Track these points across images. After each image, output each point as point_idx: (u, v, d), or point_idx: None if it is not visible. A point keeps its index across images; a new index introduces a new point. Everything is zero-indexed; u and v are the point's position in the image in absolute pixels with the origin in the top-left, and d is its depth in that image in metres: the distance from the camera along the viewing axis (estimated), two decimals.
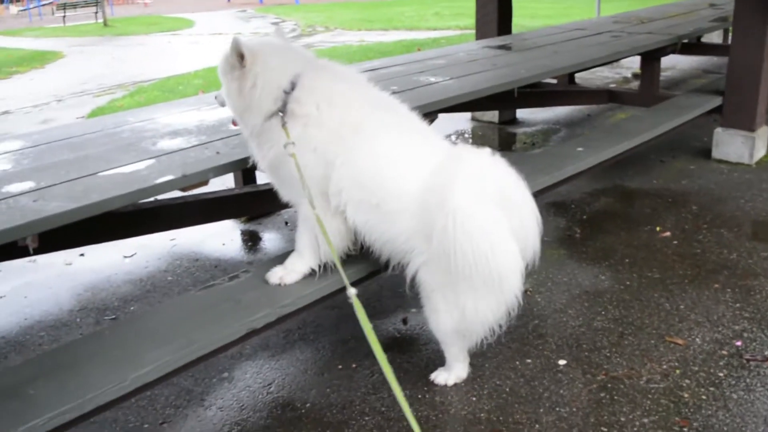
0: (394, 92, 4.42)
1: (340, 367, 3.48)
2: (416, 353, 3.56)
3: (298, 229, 3.11)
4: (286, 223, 5.30)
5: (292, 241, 4.89)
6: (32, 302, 4.35)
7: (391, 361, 3.39)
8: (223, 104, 3.11)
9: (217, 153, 3.35)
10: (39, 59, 18.59)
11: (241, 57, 2.84)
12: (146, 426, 3.14)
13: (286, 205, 3.22)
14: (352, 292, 2.61)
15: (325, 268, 3.10)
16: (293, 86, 2.87)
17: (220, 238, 5.09)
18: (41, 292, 4.50)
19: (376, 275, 3.28)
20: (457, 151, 2.98)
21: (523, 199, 2.96)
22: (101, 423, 3.14)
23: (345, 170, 2.88)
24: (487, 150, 2.93)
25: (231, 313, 2.78)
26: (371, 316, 3.84)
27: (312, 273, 3.07)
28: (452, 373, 3.29)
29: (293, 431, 3.05)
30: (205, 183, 3.34)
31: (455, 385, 3.29)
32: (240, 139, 3.38)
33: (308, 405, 3.21)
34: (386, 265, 3.12)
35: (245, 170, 4.01)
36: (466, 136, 7.87)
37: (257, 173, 4.72)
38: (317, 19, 25.55)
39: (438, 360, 3.48)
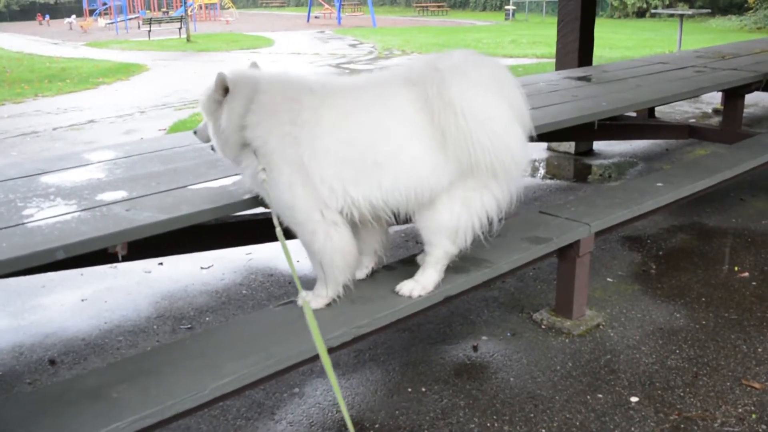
0: None
1: (409, 390, 3.50)
2: (486, 381, 3.56)
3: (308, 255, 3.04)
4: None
5: None
6: (112, 307, 4.49)
7: (460, 389, 3.46)
8: (205, 140, 3.08)
9: None
10: (124, 71, 19.17)
11: (225, 90, 2.85)
12: None
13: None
14: (303, 295, 2.66)
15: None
16: (247, 111, 2.83)
17: (295, 255, 5.16)
18: (121, 297, 4.64)
19: (449, 301, 3.28)
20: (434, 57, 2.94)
21: (507, 77, 2.94)
22: (174, 429, 3.22)
23: (324, 158, 2.78)
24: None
25: (307, 331, 2.81)
26: (440, 341, 3.91)
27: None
28: (420, 281, 3.12)
29: None
30: None
31: (523, 414, 3.27)
32: None
33: (377, 426, 3.23)
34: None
35: None
36: (541, 165, 7.84)
37: None
38: (394, 42, 25.77)
39: (507, 389, 3.48)
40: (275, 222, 2.69)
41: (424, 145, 2.79)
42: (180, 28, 32.04)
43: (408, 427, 3.21)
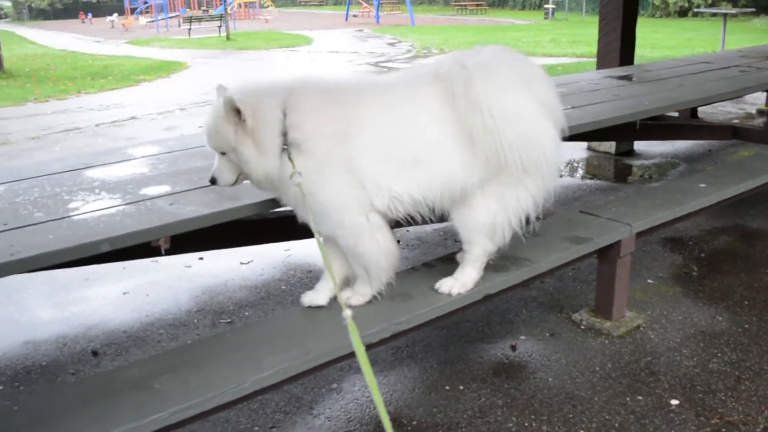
0: None
1: (447, 388, 3.50)
2: (524, 381, 3.54)
3: (348, 258, 2.97)
4: (398, 241, 5.35)
5: (404, 259, 4.98)
6: (153, 300, 4.55)
7: (499, 387, 3.45)
8: (230, 182, 2.84)
9: None
10: (165, 69, 19.40)
11: (237, 112, 2.66)
12: (256, 428, 3.24)
13: (398, 224, 3.20)
14: (347, 314, 2.38)
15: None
16: (285, 114, 2.72)
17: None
18: (162, 291, 4.70)
19: (489, 299, 3.27)
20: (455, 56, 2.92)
21: (536, 73, 2.93)
22: (214, 422, 3.26)
23: (370, 155, 2.76)
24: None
25: (347, 327, 2.83)
26: (479, 339, 3.90)
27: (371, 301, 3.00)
28: (460, 279, 3.13)
29: None
30: None
31: (562, 414, 3.25)
32: None
33: (414, 423, 3.23)
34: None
35: None
36: (581, 165, 7.78)
37: None
38: (433, 41, 25.73)
39: (546, 389, 3.46)
40: (313, 229, 2.55)
41: (454, 142, 2.78)
42: (220, 27, 32.33)
43: (446, 425, 3.21)
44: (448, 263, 3.35)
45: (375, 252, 2.85)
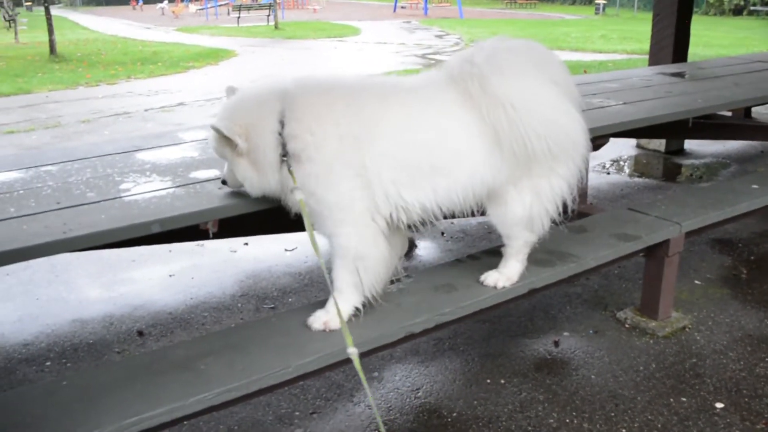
0: None
1: (488, 381, 3.48)
2: (567, 377, 3.51)
3: (336, 264, 2.79)
4: (443, 233, 5.35)
5: (448, 251, 4.98)
6: (198, 284, 4.60)
7: (540, 383, 3.43)
8: (237, 186, 2.82)
9: None
10: (213, 56, 19.58)
11: (229, 140, 2.61)
12: (297, 413, 3.26)
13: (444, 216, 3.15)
14: (352, 351, 2.24)
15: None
16: (282, 125, 2.61)
17: None
18: (207, 275, 4.75)
19: (534, 293, 3.25)
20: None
21: (547, 56, 2.88)
22: (255, 405, 3.29)
23: (383, 161, 2.64)
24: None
25: (391, 316, 2.84)
26: (521, 334, 3.88)
27: (356, 313, 2.79)
28: (504, 273, 3.09)
29: None
30: None
31: (604, 413, 3.22)
32: None
33: (454, 415, 3.23)
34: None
35: None
36: (629, 162, 7.68)
37: None
38: (481, 34, 25.54)
39: (588, 386, 3.43)
40: (318, 255, 2.45)
41: (482, 146, 2.71)
42: (268, 16, 32.50)
43: (486, 418, 3.20)
44: (494, 256, 3.33)
45: (377, 256, 2.73)
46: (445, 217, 2.87)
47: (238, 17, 33.99)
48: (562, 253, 3.40)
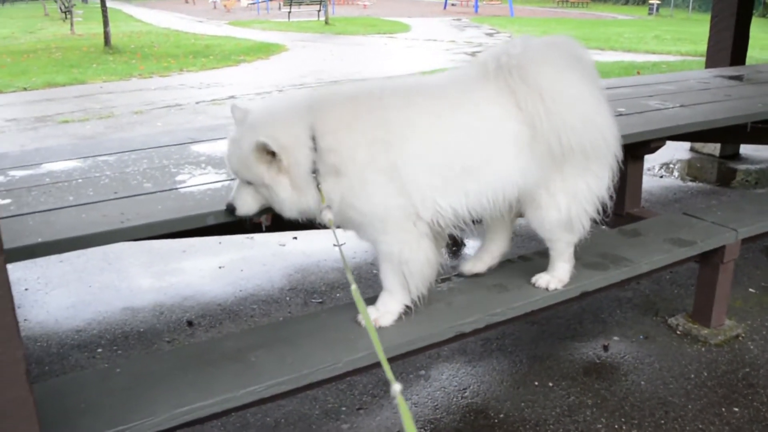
0: (620, 114, 4.34)
1: (536, 383, 3.45)
2: (616, 382, 3.46)
3: (383, 267, 2.76)
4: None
5: None
6: (247, 276, 4.64)
7: (589, 387, 3.39)
8: (250, 212, 2.67)
9: None
10: (264, 50, 19.72)
11: (272, 154, 2.49)
12: (344, 409, 3.27)
13: None
14: (396, 389, 1.73)
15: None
16: (314, 139, 2.51)
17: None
18: (256, 267, 4.79)
19: (585, 296, 3.21)
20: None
21: (582, 54, 2.80)
22: (302, 398, 3.31)
23: (415, 164, 2.56)
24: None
25: (441, 315, 2.83)
26: (570, 337, 3.83)
27: (406, 311, 2.77)
28: (555, 275, 3.05)
29: None
30: None
31: (653, 420, 3.17)
32: None
33: (501, 416, 3.21)
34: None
35: None
36: (683, 166, 7.54)
37: None
38: (532, 32, 25.22)
39: (638, 392, 3.38)
40: (349, 275, 2.26)
41: (512, 145, 2.65)
42: (319, 11, 32.69)
43: (533, 421, 3.17)
44: (545, 257, 3.29)
45: (421, 260, 2.68)
46: (473, 222, 2.80)
47: (289, 12, 34.22)
48: (616, 257, 3.35)
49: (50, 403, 2.27)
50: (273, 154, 2.47)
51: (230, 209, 2.65)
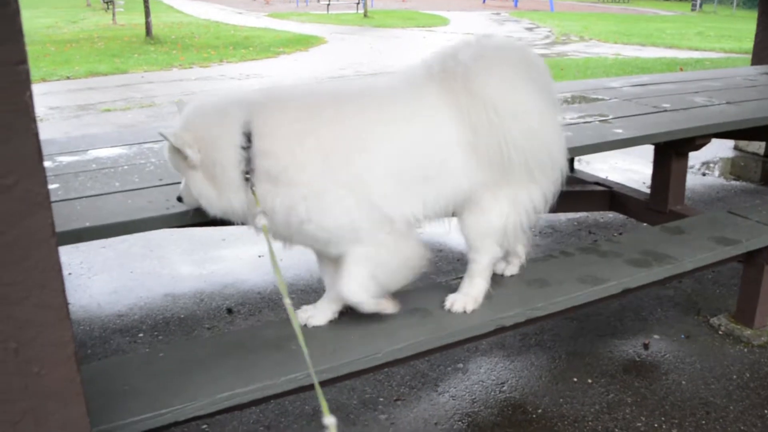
0: (665, 110, 4.29)
1: (575, 380, 3.43)
2: (656, 381, 3.43)
3: (351, 265, 2.52)
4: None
5: (535, 246, 4.90)
6: (287, 265, 4.66)
7: (628, 385, 3.36)
8: (194, 204, 2.52)
9: None
10: (303, 42, 19.80)
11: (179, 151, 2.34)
12: (381, 399, 3.28)
13: None
14: (330, 422, 1.69)
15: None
16: (248, 138, 2.32)
17: None
18: (296, 257, 4.77)
19: (627, 293, 3.17)
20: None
21: (536, 61, 2.66)
22: (340, 388, 3.32)
23: (377, 173, 2.42)
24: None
25: (482, 308, 2.81)
26: (610, 334, 3.80)
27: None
28: (470, 295, 2.80)
29: None
30: None
31: (694, 420, 3.13)
32: None
33: (539, 411, 3.19)
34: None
35: None
36: (726, 164, 7.43)
37: None
38: (572, 27, 25.13)
39: (678, 392, 3.34)
40: (282, 289, 2.20)
41: (459, 149, 2.52)
42: (357, 3, 32.69)
43: (571, 417, 3.15)
44: (588, 253, 3.29)
45: (397, 262, 2.53)
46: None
47: (328, 4, 34.31)
48: (659, 254, 3.31)
49: (95, 385, 2.31)
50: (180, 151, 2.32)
51: (179, 198, 2.58)
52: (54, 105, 10.41)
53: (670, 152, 4.39)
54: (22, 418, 1.78)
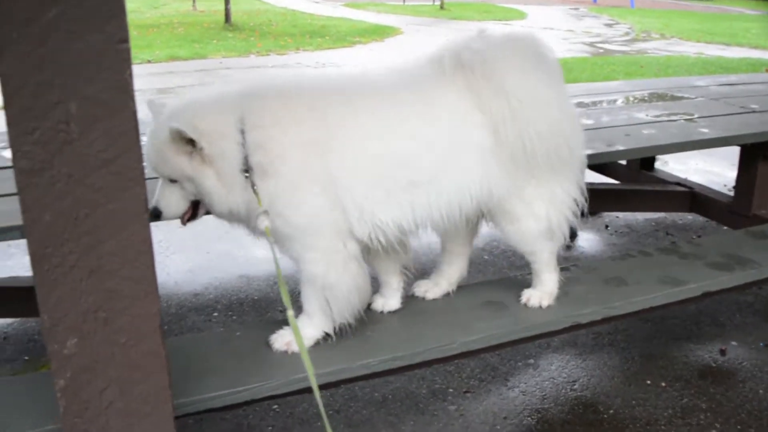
0: (753, 111, 4.17)
1: (648, 382, 3.37)
2: (733, 388, 3.35)
3: (304, 289, 2.54)
4: (606, 226, 5.19)
5: (612, 245, 4.85)
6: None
7: (703, 391, 3.29)
8: (175, 215, 2.38)
9: None
10: (379, 33, 19.84)
11: (191, 142, 2.20)
12: (451, 390, 3.28)
13: (605, 208, 2.95)
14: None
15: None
16: (243, 133, 2.24)
17: None
18: None
19: (707, 297, 3.10)
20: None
21: (550, 55, 2.56)
22: (410, 377, 3.33)
23: (354, 173, 2.33)
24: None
25: (559, 304, 2.79)
26: (685, 338, 3.72)
27: (325, 337, 2.52)
28: (545, 289, 2.78)
29: None
30: None
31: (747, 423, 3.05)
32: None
33: (611, 412, 3.15)
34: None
35: None
36: None
37: None
38: (653, 25, 24.56)
39: (756, 400, 3.26)
40: (285, 298, 2.08)
41: (472, 153, 2.43)
42: None
43: (644, 419, 3.10)
44: (666, 254, 3.23)
45: (347, 283, 2.43)
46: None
47: None
48: (741, 258, 3.23)
49: (173, 360, 2.37)
50: (192, 142, 2.19)
51: (156, 213, 2.33)
52: (136, 88, 10.56)
53: (758, 154, 4.26)
54: (108, 386, 1.84)
